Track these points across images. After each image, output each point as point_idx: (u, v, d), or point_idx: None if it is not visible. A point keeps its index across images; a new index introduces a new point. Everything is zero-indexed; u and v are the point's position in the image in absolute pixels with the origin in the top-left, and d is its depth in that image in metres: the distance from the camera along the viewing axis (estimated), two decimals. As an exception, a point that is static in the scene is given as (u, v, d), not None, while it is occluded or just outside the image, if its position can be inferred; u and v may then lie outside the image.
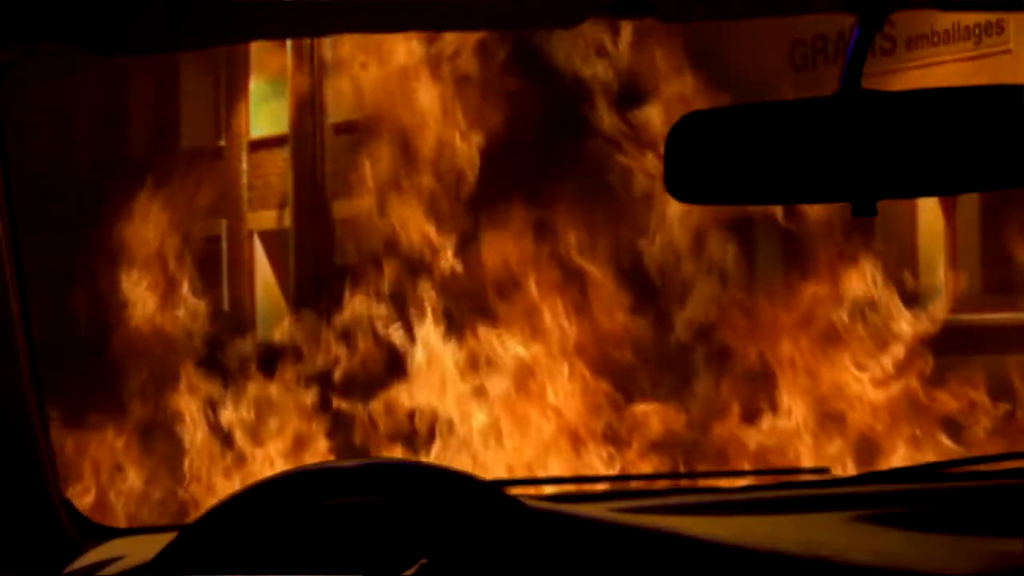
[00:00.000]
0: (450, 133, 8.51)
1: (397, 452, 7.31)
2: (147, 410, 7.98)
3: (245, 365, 8.48)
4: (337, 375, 8.40)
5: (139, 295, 8.55)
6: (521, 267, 7.96)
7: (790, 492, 2.49)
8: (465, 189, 8.49)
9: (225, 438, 7.59)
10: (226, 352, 9.31)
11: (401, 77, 8.70)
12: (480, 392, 7.48)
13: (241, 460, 7.49)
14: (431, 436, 7.45)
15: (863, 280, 7.76)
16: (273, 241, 18.70)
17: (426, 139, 8.56)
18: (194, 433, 7.56)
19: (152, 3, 1.93)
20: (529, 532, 1.99)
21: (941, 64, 12.13)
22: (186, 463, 7.52)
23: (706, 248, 8.40)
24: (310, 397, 7.98)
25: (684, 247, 8.33)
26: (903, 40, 12.29)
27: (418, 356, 7.72)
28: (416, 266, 8.32)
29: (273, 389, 8.01)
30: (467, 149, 8.47)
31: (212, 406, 7.75)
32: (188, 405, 7.69)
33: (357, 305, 8.53)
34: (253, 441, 7.57)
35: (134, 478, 7.37)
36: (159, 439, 7.71)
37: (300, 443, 7.64)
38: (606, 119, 8.33)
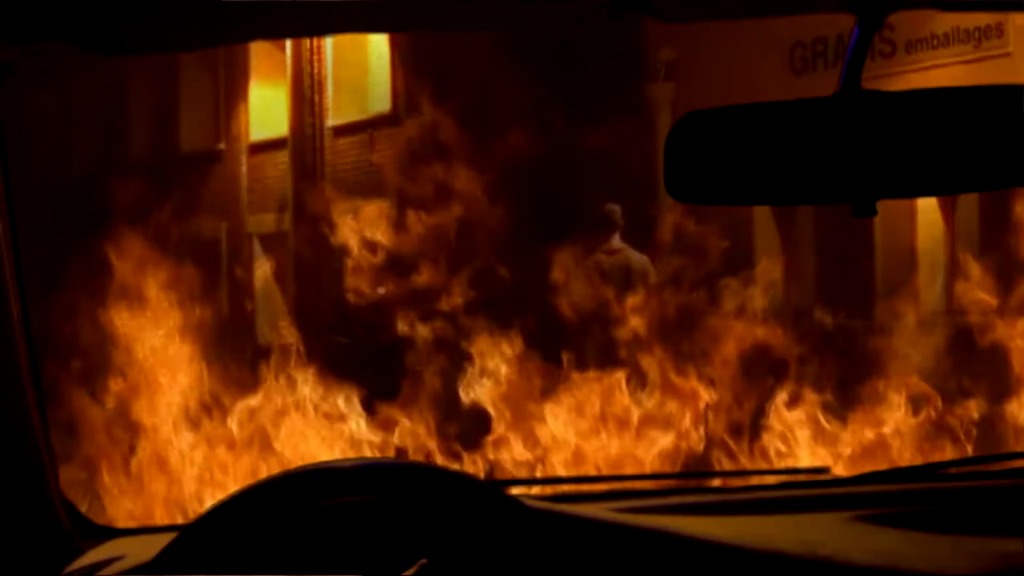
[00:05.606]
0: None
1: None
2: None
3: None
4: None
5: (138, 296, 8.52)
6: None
7: (790, 492, 2.49)
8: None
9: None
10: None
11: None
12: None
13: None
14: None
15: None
16: (272, 244, 18.68)
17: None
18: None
19: (152, 3, 1.92)
20: (529, 532, 1.99)
21: (940, 67, 12.12)
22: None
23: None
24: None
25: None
26: (902, 43, 12.27)
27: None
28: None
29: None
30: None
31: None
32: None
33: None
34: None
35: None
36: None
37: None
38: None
